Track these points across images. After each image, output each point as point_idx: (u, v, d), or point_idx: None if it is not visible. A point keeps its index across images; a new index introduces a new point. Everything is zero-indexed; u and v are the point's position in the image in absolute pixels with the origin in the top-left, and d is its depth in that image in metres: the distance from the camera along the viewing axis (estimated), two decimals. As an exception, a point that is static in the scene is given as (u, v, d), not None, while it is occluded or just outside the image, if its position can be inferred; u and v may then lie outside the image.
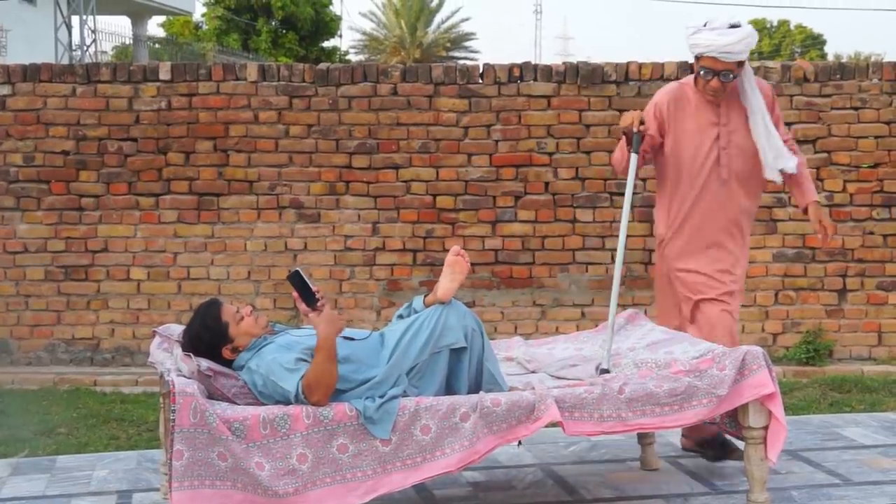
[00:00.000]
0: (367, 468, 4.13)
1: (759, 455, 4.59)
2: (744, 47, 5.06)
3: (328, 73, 8.33)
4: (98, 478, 5.38)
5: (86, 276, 8.31)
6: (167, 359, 4.41)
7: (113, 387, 7.84)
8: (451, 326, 4.38)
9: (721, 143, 5.23)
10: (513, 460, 5.50)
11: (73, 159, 8.27)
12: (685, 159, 5.27)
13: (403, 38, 45.28)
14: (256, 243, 8.35)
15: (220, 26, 33.35)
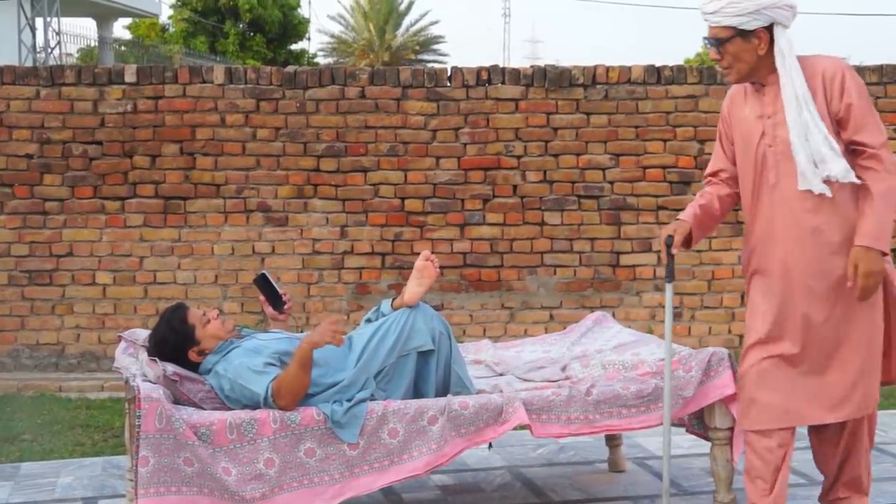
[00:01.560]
0: (334, 472, 4.11)
1: (725, 456, 4.60)
2: (720, 6, 4.03)
3: (296, 75, 8.30)
4: (63, 485, 5.33)
5: (50, 280, 8.24)
6: (133, 364, 4.37)
7: (78, 392, 7.76)
8: (419, 329, 4.38)
9: (766, 140, 4.13)
10: (481, 463, 5.49)
11: (37, 163, 8.20)
12: (739, 165, 4.31)
13: (372, 41, 45.23)
14: (224, 247, 8.31)
15: (186, 29, 33.20)
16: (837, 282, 4.04)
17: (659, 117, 8.39)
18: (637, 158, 8.41)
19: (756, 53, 4.04)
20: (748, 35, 4.02)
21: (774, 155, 4.10)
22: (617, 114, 8.37)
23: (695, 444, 5.34)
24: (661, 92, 8.38)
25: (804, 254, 4.07)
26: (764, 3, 3.99)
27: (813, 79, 4.03)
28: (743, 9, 3.98)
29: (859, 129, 3.98)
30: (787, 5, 4.04)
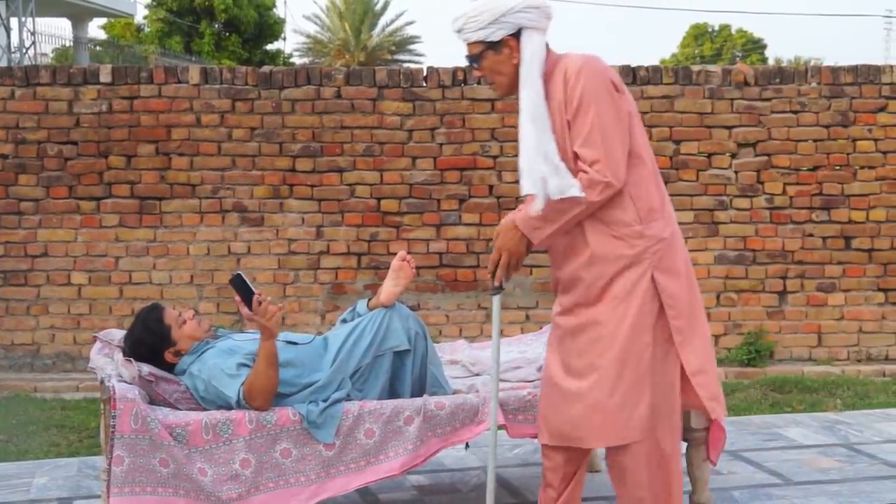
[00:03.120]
0: (310, 472, 4.11)
1: (700, 456, 4.62)
2: (462, 24, 3.94)
3: (271, 75, 8.29)
4: (38, 485, 5.31)
5: (25, 281, 8.20)
6: (108, 364, 4.36)
7: (53, 393, 7.74)
8: (395, 329, 4.38)
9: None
10: (457, 463, 5.51)
11: (12, 163, 8.16)
12: None
13: (348, 42, 45.16)
14: (199, 247, 8.29)
15: (162, 29, 33.07)
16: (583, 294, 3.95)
17: (634, 118, 8.40)
18: (612, 159, 8.41)
19: (511, 63, 3.93)
20: (498, 46, 3.92)
21: None
22: (592, 114, 8.38)
23: (670, 443, 5.35)
24: (637, 92, 8.40)
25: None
26: (502, 11, 3.87)
27: (557, 81, 3.89)
28: (483, 21, 3.88)
29: (577, 139, 3.83)
30: (529, 7, 3.89)
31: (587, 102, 3.79)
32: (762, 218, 8.50)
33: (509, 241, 3.96)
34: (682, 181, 8.46)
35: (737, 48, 54.36)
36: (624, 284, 3.86)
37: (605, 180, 3.76)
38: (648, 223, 3.89)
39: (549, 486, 4.13)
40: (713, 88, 8.46)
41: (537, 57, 3.88)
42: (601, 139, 3.78)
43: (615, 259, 3.87)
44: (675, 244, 3.96)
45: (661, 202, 3.98)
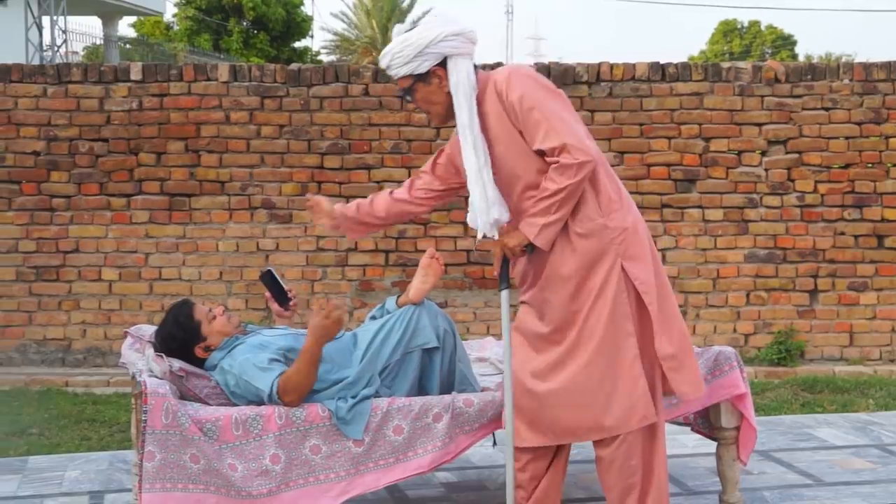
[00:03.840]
0: (340, 469, 4.12)
1: (731, 455, 4.61)
2: (388, 60, 4.05)
3: (300, 73, 8.31)
4: (70, 478, 5.35)
5: (57, 276, 8.25)
6: (139, 359, 4.38)
7: (84, 387, 7.79)
8: (424, 327, 4.38)
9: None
10: (485, 461, 5.50)
11: (44, 160, 8.22)
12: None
13: (375, 39, 45.21)
14: (228, 244, 8.32)
15: (191, 27, 33.20)
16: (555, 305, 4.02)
17: (663, 115, 8.39)
18: (641, 156, 8.41)
19: (442, 92, 4.02)
20: (426, 77, 4.01)
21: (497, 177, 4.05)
22: (621, 111, 8.37)
23: (700, 443, 5.34)
24: (666, 89, 8.38)
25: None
26: (425, 43, 3.95)
27: (491, 97, 3.98)
28: (408, 55, 3.97)
29: (536, 138, 3.90)
30: (451, 35, 3.97)
31: (528, 103, 3.90)
32: (793, 216, 8.45)
33: (506, 237, 4.03)
34: (712, 179, 8.42)
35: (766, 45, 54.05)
36: (597, 279, 3.93)
37: (576, 161, 3.84)
38: (609, 215, 3.96)
39: (520, 487, 4.17)
40: (743, 85, 8.41)
41: (465, 82, 3.98)
42: (556, 127, 3.87)
43: (583, 255, 3.94)
44: (639, 231, 4.03)
45: (618, 192, 4.04)
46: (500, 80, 3.96)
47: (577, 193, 3.89)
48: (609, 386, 3.94)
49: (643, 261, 3.97)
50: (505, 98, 3.93)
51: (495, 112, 3.97)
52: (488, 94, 3.99)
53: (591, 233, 3.94)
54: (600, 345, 3.93)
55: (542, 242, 3.94)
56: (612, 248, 3.93)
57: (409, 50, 3.97)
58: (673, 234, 8.43)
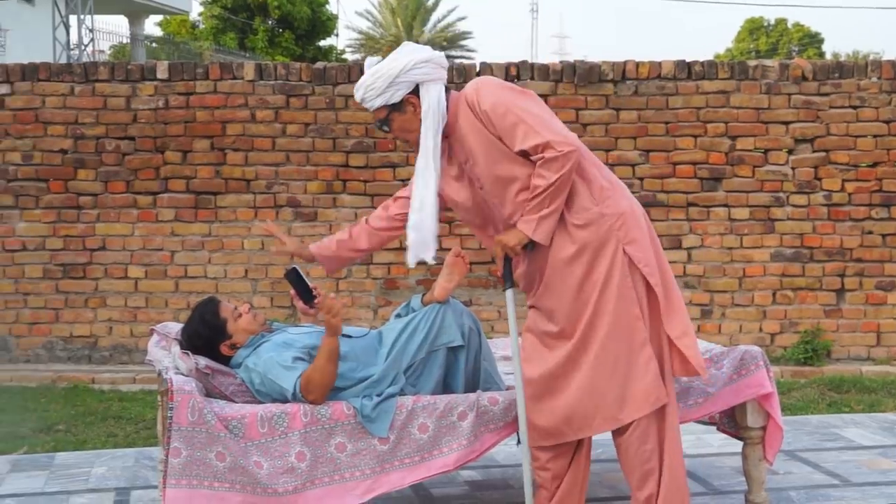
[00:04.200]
0: (365, 467, 4.12)
1: (757, 455, 4.59)
2: (362, 94, 4.13)
3: (325, 72, 8.32)
4: (96, 475, 5.38)
5: (84, 274, 8.30)
6: (165, 357, 4.41)
7: (111, 384, 7.84)
8: (449, 325, 4.38)
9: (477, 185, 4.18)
10: (510, 459, 5.50)
11: (71, 158, 8.26)
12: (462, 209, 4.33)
13: (400, 37, 45.22)
14: (254, 242, 8.34)
15: (216, 25, 33.31)
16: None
17: (689, 113, 8.36)
18: (667, 154, 8.38)
19: (417, 119, 4.08)
20: (401, 106, 4.08)
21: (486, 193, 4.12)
22: (647, 109, 8.34)
23: (726, 442, 5.33)
24: (692, 87, 8.35)
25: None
26: (395, 73, 4.02)
27: (464, 113, 4.04)
28: (379, 88, 4.05)
29: (516, 140, 3.95)
30: (420, 62, 4.04)
31: (501, 108, 3.98)
32: (820, 215, 8.41)
33: (505, 236, 4.06)
34: (738, 177, 8.38)
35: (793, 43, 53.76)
36: (601, 269, 3.96)
37: (560, 153, 3.89)
38: (603, 202, 4.00)
39: (542, 487, 4.18)
40: (770, 83, 8.37)
41: (435, 108, 4.06)
42: (533, 125, 3.94)
43: (584, 246, 3.97)
44: (636, 214, 4.06)
45: (608, 179, 4.09)
46: (471, 94, 4.04)
47: (567, 184, 3.93)
48: (622, 374, 3.97)
49: (643, 243, 4.01)
50: (478, 109, 4.00)
51: (471, 126, 4.03)
52: (461, 111, 4.05)
53: (588, 223, 3.98)
54: (610, 332, 3.96)
55: (540, 237, 3.97)
56: (613, 236, 3.97)
57: (380, 81, 4.04)
58: (699, 233, 8.40)
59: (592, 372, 3.98)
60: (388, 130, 4.18)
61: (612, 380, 3.97)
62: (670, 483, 4.03)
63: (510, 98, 4.00)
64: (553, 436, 4.08)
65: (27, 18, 28.82)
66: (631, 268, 3.98)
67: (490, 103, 3.97)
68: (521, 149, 3.95)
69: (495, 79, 4.17)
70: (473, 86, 4.06)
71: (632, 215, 4.02)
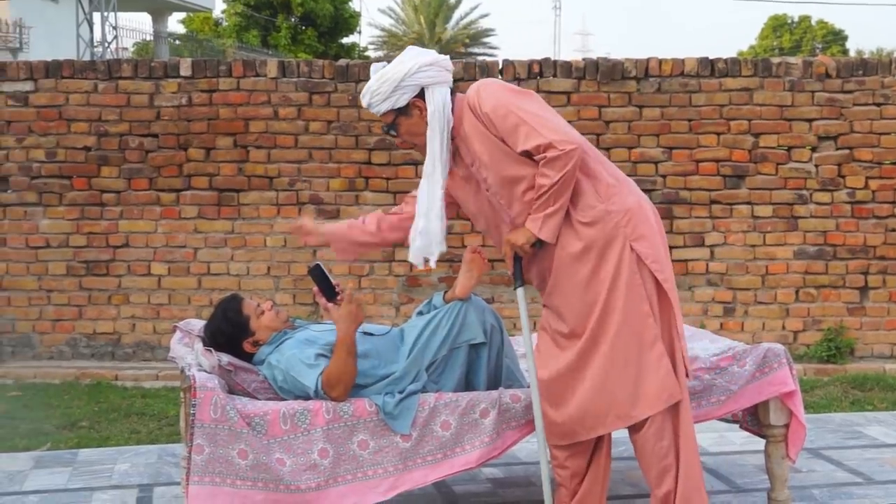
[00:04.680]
0: (388, 465, 4.13)
1: (780, 453, 4.57)
2: (369, 99, 4.13)
3: (348, 69, 8.33)
4: (119, 471, 5.41)
5: (107, 271, 8.34)
6: (188, 354, 4.42)
7: (134, 381, 7.87)
8: (471, 322, 4.38)
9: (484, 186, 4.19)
10: (532, 456, 5.49)
11: (95, 155, 8.30)
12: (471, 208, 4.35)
13: (422, 35, 45.28)
14: (276, 239, 8.36)
15: (239, 23, 33.44)
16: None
17: (712, 110, 8.33)
18: (690, 152, 8.36)
19: (424, 122, 4.10)
20: (407, 110, 4.10)
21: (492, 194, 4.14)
22: (670, 107, 8.32)
23: (748, 440, 5.31)
24: (715, 85, 8.32)
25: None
26: (400, 77, 4.04)
27: (468, 116, 4.06)
28: (385, 93, 4.07)
29: (518, 141, 3.97)
30: (424, 66, 4.06)
31: (502, 110, 3.98)
32: (843, 212, 8.37)
33: (513, 235, 4.08)
34: (761, 175, 8.35)
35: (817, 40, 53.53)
36: (609, 267, 3.97)
37: (562, 152, 3.90)
38: (609, 199, 4.01)
39: (562, 486, 4.19)
40: (793, 81, 8.33)
41: (441, 111, 4.09)
42: (534, 125, 3.95)
43: (590, 244, 3.98)
44: (644, 210, 4.06)
45: (614, 176, 4.10)
46: (472, 97, 4.06)
47: (571, 182, 3.94)
48: (633, 371, 3.97)
49: (651, 239, 4.01)
50: (479, 112, 4.02)
51: (474, 128, 4.05)
52: (465, 114, 4.07)
53: (595, 220, 3.99)
54: (620, 330, 3.96)
55: (546, 235, 3.98)
56: (619, 233, 3.97)
57: (386, 86, 4.06)
58: (721, 231, 8.37)
59: (604, 370, 3.98)
60: (396, 135, 4.20)
61: (623, 377, 3.97)
62: (687, 479, 4.03)
63: (511, 99, 4.02)
64: (567, 436, 4.09)
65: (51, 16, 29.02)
66: (639, 264, 3.98)
67: (491, 105, 3.99)
68: (523, 149, 3.96)
69: (496, 80, 4.19)
70: (475, 89, 4.08)
71: (639, 211, 4.02)
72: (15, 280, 8.31)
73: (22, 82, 8.27)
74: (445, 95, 4.09)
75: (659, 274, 3.99)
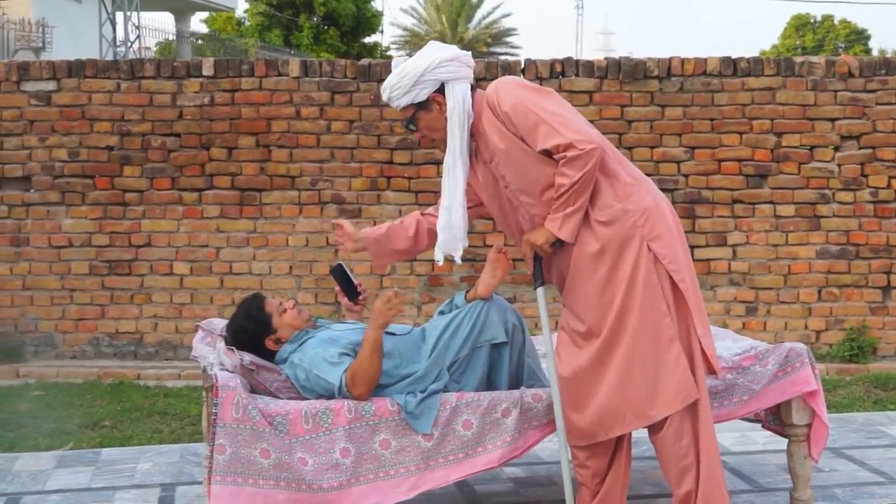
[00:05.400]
0: (409, 464, 4.13)
1: (802, 453, 4.56)
2: (389, 93, 4.13)
3: (370, 68, 8.34)
4: (142, 471, 5.43)
5: (129, 270, 8.37)
6: (210, 353, 4.43)
7: (156, 381, 7.90)
8: (492, 322, 4.38)
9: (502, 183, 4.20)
10: (554, 456, 5.49)
11: (118, 154, 8.34)
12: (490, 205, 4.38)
13: (444, 34, 45.29)
14: (298, 238, 8.38)
15: (262, 22, 33.50)
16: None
17: (735, 110, 8.30)
18: (712, 151, 8.33)
19: (444, 117, 4.10)
20: (427, 105, 4.11)
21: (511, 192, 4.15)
22: (692, 106, 8.30)
23: (770, 440, 5.30)
24: (738, 84, 8.29)
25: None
26: (420, 72, 4.04)
27: (486, 113, 4.06)
28: (406, 86, 4.07)
29: (538, 140, 3.96)
30: (444, 61, 4.06)
31: (521, 108, 3.98)
32: (866, 212, 8.33)
33: (532, 235, 4.08)
34: (784, 174, 8.32)
35: (840, 39, 53.25)
36: (626, 266, 3.95)
37: (582, 151, 3.90)
38: (628, 198, 4.00)
39: (583, 486, 4.19)
40: (816, 80, 8.30)
41: (460, 106, 4.09)
42: (554, 124, 3.95)
43: (608, 243, 3.97)
44: (662, 209, 4.04)
45: (632, 175, 4.09)
46: (491, 95, 4.06)
47: (591, 182, 3.95)
48: (651, 371, 3.95)
49: (668, 238, 3.99)
50: (498, 110, 4.02)
51: (493, 126, 4.05)
52: (484, 112, 4.07)
53: (612, 219, 3.98)
54: (637, 330, 3.95)
55: (566, 235, 3.99)
56: (637, 233, 3.96)
57: (406, 80, 4.06)
58: (744, 230, 8.35)
59: (621, 370, 3.97)
60: (415, 129, 4.20)
61: (641, 377, 3.96)
62: (707, 479, 4.02)
63: (530, 98, 4.01)
64: (587, 436, 4.10)
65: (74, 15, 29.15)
66: (656, 264, 3.97)
67: (510, 104, 3.99)
68: (543, 148, 3.96)
69: (515, 78, 4.17)
70: (493, 87, 4.08)
71: (656, 210, 4.01)
72: (38, 279, 8.35)
73: (45, 82, 8.31)
74: (465, 91, 4.09)
75: (675, 274, 3.98)
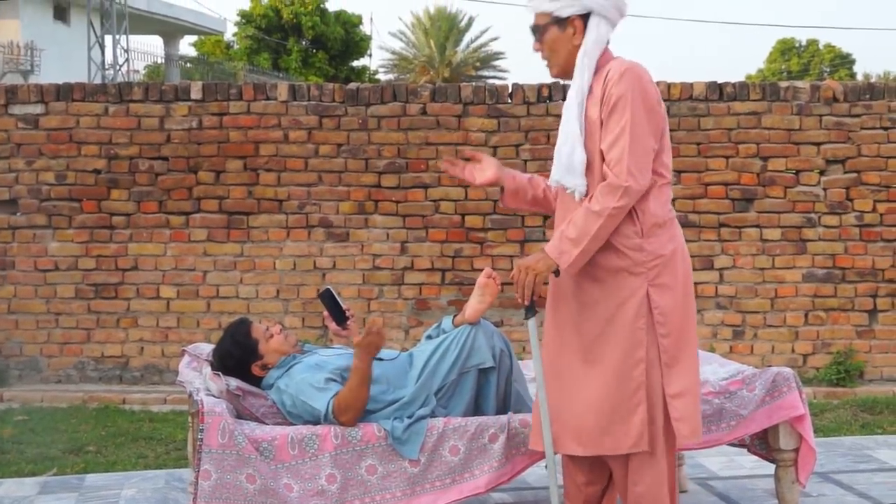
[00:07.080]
0: (396, 490, 4.12)
1: (789, 478, 4.56)
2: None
3: (358, 92, 8.36)
4: (126, 497, 5.39)
5: (116, 294, 8.35)
6: (196, 378, 4.42)
7: (142, 405, 7.86)
8: (480, 347, 4.37)
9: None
10: (541, 481, 5.47)
11: (105, 178, 8.33)
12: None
13: (433, 58, 45.39)
14: (286, 262, 8.37)
15: (250, 46, 33.59)
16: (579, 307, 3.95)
17: (721, 134, 8.34)
18: (699, 175, 8.36)
19: (571, 44, 3.89)
20: (563, 23, 3.87)
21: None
22: (678, 130, 8.32)
23: (758, 464, 5.29)
24: (724, 109, 8.33)
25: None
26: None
27: (600, 78, 3.85)
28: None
29: (606, 139, 3.80)
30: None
31: (622, 105, 3.78)
32: (851, 235, 8.36)
33: (530, 259, 3.91)
34: (770, 198, 8.35)
35: (825, 63, 53.55)
36: (616, 301, 3.85)
37: (624, 185, 3.74)
38: (649, 237, 3.86)
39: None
40: (801, 105, 8.34)
41: (598, 47, 3.89)
42: (628, 143, 3.77)
43: (609, 269, 3.86)
44: (676, 261, 3.90)
45: (668, 219, 3.93)
46: (616, 69, 3.82)
47: (615, 221, 3.78)
48: (608, 407, 3.84)
49: (671, 291, 3.85)
50: (609, 87, 3.80)
51: (596, 93, 3.86)
52: (601, 73, 3.86)
53: (626, 250, 3.84)
54: (608, 366, 3.84)
55: (574, 271, 3.86)
56: (643, 272, 3.83)
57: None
58: (730, 254, 8.37)
59: (583, 395, 3.88)
60: (538, 40, 3.94)
61: (600, 410, 3.85)
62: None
63: (637, 105, 3.79)
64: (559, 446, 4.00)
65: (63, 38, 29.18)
66: (647, 310, 3.83)
67: (620, 91, 3.78)
68: (602, 148, 3.82)
69: (647, 73, 3.90)
70: (623, 66, 3.83)
71: (671, 260, 3.86)
72: (23, 303, 8.32)
73: (32, 105, 8.31)
74: (608, 34, 3.89)
75: (660, 327, 3.83)
